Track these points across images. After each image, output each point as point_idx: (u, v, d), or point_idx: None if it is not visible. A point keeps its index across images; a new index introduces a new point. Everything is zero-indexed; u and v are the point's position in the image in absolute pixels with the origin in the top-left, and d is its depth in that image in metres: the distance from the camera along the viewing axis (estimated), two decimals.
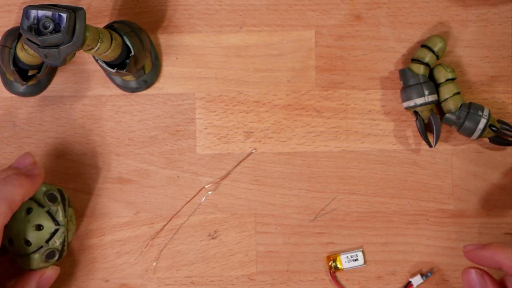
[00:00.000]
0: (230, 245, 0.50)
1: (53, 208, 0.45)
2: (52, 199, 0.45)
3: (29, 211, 0.44)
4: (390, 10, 0.50)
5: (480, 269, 0.43)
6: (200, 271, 0.50)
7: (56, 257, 0.45)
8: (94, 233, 0.50)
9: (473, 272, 0.44)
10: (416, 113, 0.48)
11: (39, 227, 0.44)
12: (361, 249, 0.50)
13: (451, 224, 0.50)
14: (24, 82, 0.47)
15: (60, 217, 0.45)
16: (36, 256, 0.44)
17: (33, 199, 0.44)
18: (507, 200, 0.50)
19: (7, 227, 0.43)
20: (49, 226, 0.44)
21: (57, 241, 0.45)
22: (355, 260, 0.50)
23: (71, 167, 0.50)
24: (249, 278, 0.50)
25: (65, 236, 0.46)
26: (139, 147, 0.50)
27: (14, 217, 0.43)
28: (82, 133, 0.50)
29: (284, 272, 0.50)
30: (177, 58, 0.51)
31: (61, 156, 0.50)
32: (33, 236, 0.44)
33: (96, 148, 0.50)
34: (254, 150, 0.48)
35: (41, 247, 0.44)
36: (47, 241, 0.45)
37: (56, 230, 0.45)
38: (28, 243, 0.44)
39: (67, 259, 0.50)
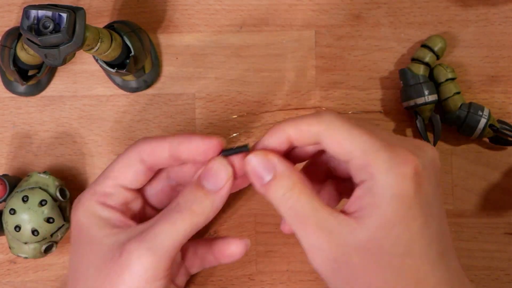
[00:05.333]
0: None
1: (63, 204, 0.47)
2: (63, 194, 0.47)
3: (42, 202, 0.45)
4: (390, 10, 0.50)
5: (262, 150, 0.37)
6: (199, 271, 0.50)
7: (52, 251, 0.46)
8: None
9: (252, 158, 0.37)
10: (416, 113, 0.48)
11: (49, 220, 0.45)
12: None
13: (451, 224, 0.50)
14: (24, 82, 0.47)
15: (67, 213, 0.47)
16: (37, 246, 0.45)
17: (47, 191, 0.46)
18: (507, 200, 0.50)
19: (18, 213, 0.44)
20: (58, 220, 0.46)
21: (59, 235, 0.46)
22: None
23: (71, 167, 0.50)
24: (249, 278, 0.50)
25: (65, 232, 0.47)
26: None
27: (28, 206, 0.45)
28: (82, 133, 0.50)
29: (284, 272, 0.50)
30: (177, 58, 0.51)
31: (61, 156, 0.50)
32: (43, 228, 0.45)
33: (96, 148, 0.50)
34: None
35: (45, 238, 0.45)
36: (52, 234, 0.46)
37: (62, 226, 0.46)
38: (35, 232, 0.45)
39: (68, 258, 0.50)
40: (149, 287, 0.35)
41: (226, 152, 0.38)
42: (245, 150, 0.38)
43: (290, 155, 0.39)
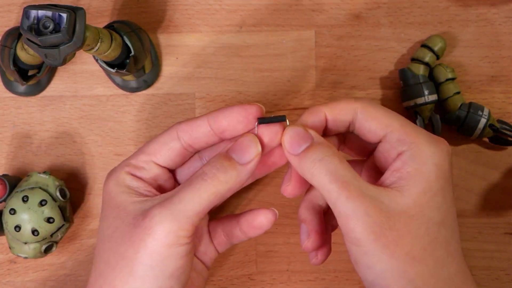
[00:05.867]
0: None
1: (63, 204, 0.47)
2: (63, 194, 0.47)
3: (42, 202, 0.45)
4: (390, 10, 0.50)
5: (301, 125, 0.38)
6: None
7: (52, 251, 0.47)
8: (94, 233, 0.50)
9: (291, 127, 0.38)
10: (416, 113, 0.48)
11: (49, 220, 0.45)
12: None
13: None
14: (24, 82, 0.47)
15: (67, 213, 0.47)
16: (37, 246, 0.46)
17: (47, 191, 0.46)
18: (507, 200, 0.50)
19: (18, 213, 0.45)
20: (58, 220, 0.46)
21: (59, 235, 0.46)
22: None
23: (71, 167, 0.50)
24: (249, 278, 0.50)
25: (65, 232, 0.47)
26: (139, 147, 0.50)
27: (28, 206, 0.45)
28: (82, 133, 0.50)
29: (284, 272, 0.50)
30: (177, 58, 0.51)
31: (61, 156, 0.50)
32: (43, 228, 0.45)
33: (96, 148, 0.50)
34: None
35: (45, 238, 0.45)
36: (52, 234, 0.46)
37: (62, 226, 0.46)
38: (35, 232, 0.45)
39: (68, 258, 0.50)
40: (170, 252, 0.36)
41: (262, 120, 0.38)
42: (282, 120, 0.38)
43: None
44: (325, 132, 0.40)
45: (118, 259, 0.37)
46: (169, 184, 0.42)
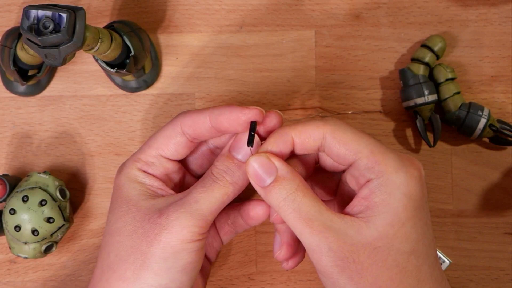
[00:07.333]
0: (230, 245, 0.50)
1: (63, 203, 0.47)
2: (63, 194, 0.47)
3: (42, 202, 0.45)
4: (390, 10, 0.50)
5: (264, 152, 0.38)
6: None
7: (52, 251, 0.47)
8: (94, 233, 0.50)
9: (253, 159, 0.37)
10: (416, 113, 0.48)
11: (49, 220, 0.45)
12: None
13: (451, 224, 0.50)
14: (24, 82, 0.47)
15: (67, 213, 0.47)
16: (37, 246, 0.46)
17: (47, 191, 0.46)
18: (507, 200, 0.50)
19: (18, 213, 0.45)
20: (58, 220, 0.46)
21: (59, 235, 0.47)
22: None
23: (71, 167, 0.50)
24: (249, 278, 0.50)
25: (65, 231, 0.47)
26: (139, 147, 0.50)
27: (28, 206, 0.45)
28: (82, 133, 0.50)
29: (284, 272, 0.50)
30: (177, 58, 0.51)
31: (61, 156, 0.50)
32: (43, 227, 0.45)
33: (96, 148, 0.50)
34: None
35: (45, 238, 0.45)
36: (52, 234, 0.46)
37: (62, 225, 0.46)
38: (35, 232, 0.45)
39: (68, 258, 0.50)
40: (184, 247, 0.37)
41: (254, 124, 0.39)
42: (249, 145, 0.38)
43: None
44: (294, 153, 0.39)
45: (129, 252, 0.37)
46: (179, 175, 0.42)
